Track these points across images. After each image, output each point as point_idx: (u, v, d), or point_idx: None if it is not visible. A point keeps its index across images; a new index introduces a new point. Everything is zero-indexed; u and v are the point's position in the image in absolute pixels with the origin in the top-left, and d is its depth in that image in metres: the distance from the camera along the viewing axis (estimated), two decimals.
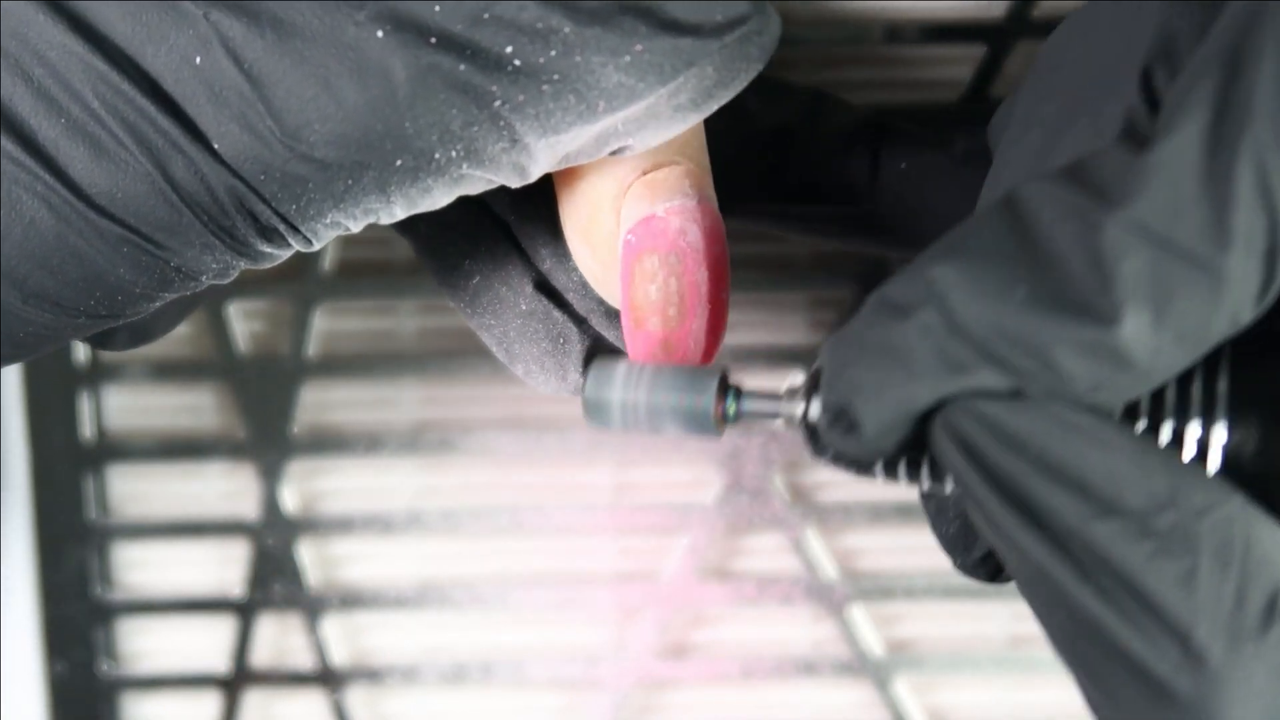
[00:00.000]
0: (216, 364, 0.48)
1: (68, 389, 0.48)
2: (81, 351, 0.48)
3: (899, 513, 0.48)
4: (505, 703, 0.50)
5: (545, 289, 0.34)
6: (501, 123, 0.26)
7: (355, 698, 0.50)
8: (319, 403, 0.49)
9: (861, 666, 0.49)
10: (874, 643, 0.49)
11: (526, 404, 0.49)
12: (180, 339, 0.48)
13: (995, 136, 0.33)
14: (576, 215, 0.32)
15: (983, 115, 0.37)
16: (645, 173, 0.30)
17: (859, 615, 0.49)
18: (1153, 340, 0.23)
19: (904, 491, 0.49)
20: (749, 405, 0.29)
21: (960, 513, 0.32)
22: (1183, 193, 0.23)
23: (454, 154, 0.27)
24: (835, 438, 0.26)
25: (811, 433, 0.28)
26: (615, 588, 0.49)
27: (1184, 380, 0.25)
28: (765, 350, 0.48)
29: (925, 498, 0.33)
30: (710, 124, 0.31)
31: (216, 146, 0.26)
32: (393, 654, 0.50)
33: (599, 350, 0.34)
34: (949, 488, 0.27)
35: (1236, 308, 0.23)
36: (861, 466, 0.28)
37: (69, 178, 0.26)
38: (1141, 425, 0.25)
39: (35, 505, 0.48)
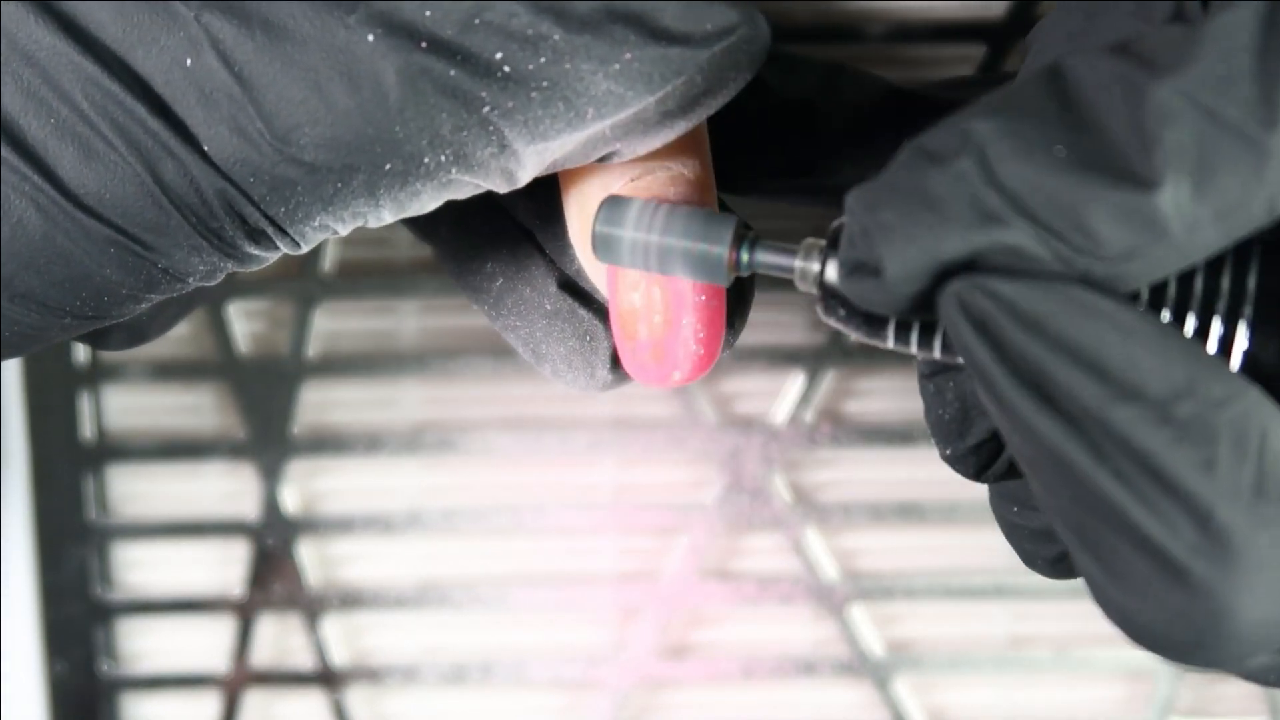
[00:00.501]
0: (216, 364, 0.48)
1: (68, 389, 0.48)
2: (81, 351, 0.48)
3: (899, 513, 0.48)
4: (505, 703, 0.50)
5: (569, 288, 0.34)
6: (491, 128, 0.26)
7: (355, 698, 0.50)
8: (319, 403, 0.49)
9: (861, 666, 0.49)
10: (874, 643, 0.49)
11: (526, 404, 0.49)
12: (180, 339, 0.48)
13: (1032, 39, 0.32)
14: (571, 221, 0.32)
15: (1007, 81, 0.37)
16: (632, 180, 0.30)
17: (859, 615, 0.49)
18: (1190, 211, 0.23)
19: (904, 492, 0.49)
20: (762, 257, 0.28)
21: (959, 395, 0.31)
22: (1235, 66, 0.23)
23: (443, 159, 0.27)
24: (854, 285, 0.25)
25: (825, 291, 0.27)
26: (615, 588, 0.49)
27: (1212, 273, 0.25)
28: (765, 350, 0.48)
29: (924, 378, 0.32)
30: (731, 102, 0.31)
31: (206, 149, 0.26)
32: (393, 654, 0.50)
33: None
34: (961, 359, 0.26)
35: (1276, 191, 0.23)
36: (873, 326, 0.27)
37: (57, 178, 0.26)
38: (1166, 316, 0.25)
39: (35, 505, 0.48)
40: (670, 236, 0.28)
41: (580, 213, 0.31)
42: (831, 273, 0.27)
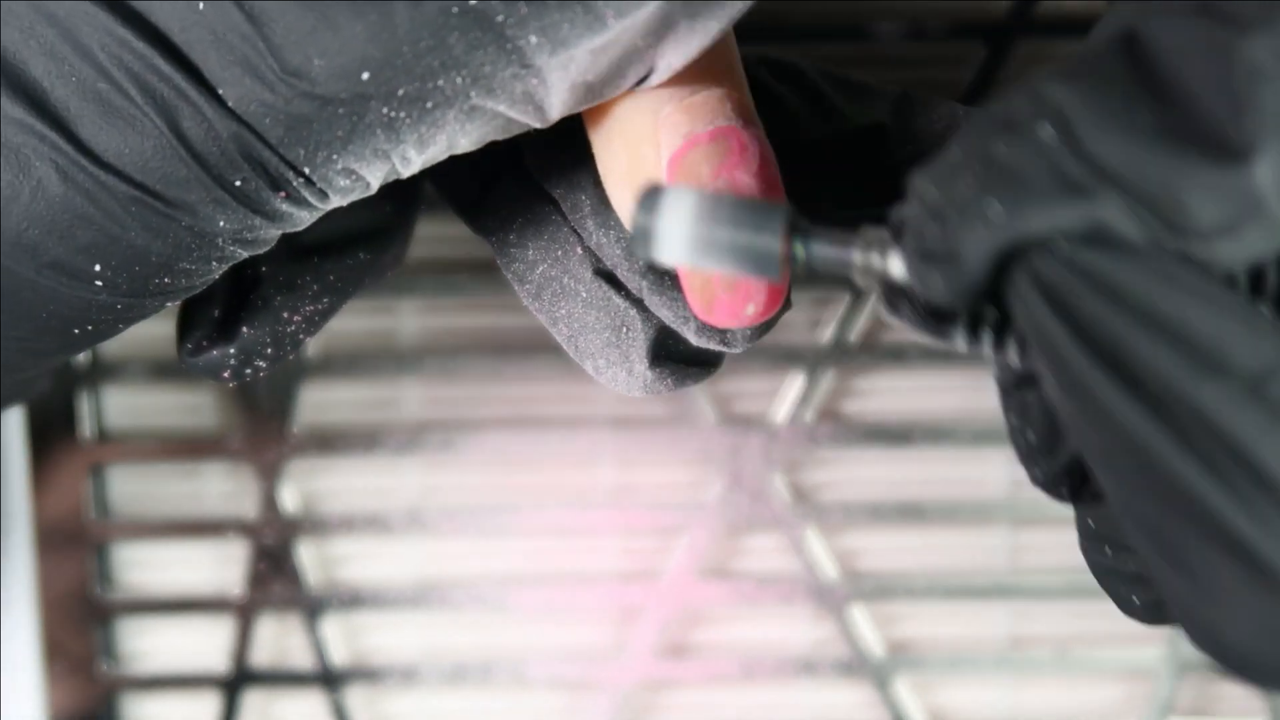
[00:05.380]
0: None
1: (68, 389, 0.48)
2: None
3: (899, 513, 0.48)
4: (505, 703, 0.50)
5: (605, 275, 0.33)
6: (509, 45, 0.26)
7: (355, 698, 0.50)
8: (319, 403, 0.49)
9: (861, 666, 0.49)
10: (874, 643, 0.49)
11: (527, 404, 0.49)
12: None
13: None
14: (616, 162, 0.30)
15: None
16: (686, 100, 0.29)
17: (859, 615, 0.49)
18: None
19: (904, 492, 0.49)
20: (819, 250, 0.26)
21: (1046, 411, 0.29)
22: None
23: (459, 80, 0.26)
24: (923, 275, 0.23)
25: (889, 287, 0.25)
26: (615, 588, 0.49)
27: None
28: (765, 349, 0.48)
29: (1004, 394, 0.29)
30: (803, 128, 0.30)
31: (222, 93, 0.26)
32: (392, 654, 0.50)
33: (665, 338, 0.32)
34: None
35: None
36: (942, 326, 0.25)
37: (78, 138, 0.27)
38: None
39: (35, 505, 0.48)
40: (717, 227, 0.26)
41: (629, 145, 0.30)
42: (896, 266, 0.25)
